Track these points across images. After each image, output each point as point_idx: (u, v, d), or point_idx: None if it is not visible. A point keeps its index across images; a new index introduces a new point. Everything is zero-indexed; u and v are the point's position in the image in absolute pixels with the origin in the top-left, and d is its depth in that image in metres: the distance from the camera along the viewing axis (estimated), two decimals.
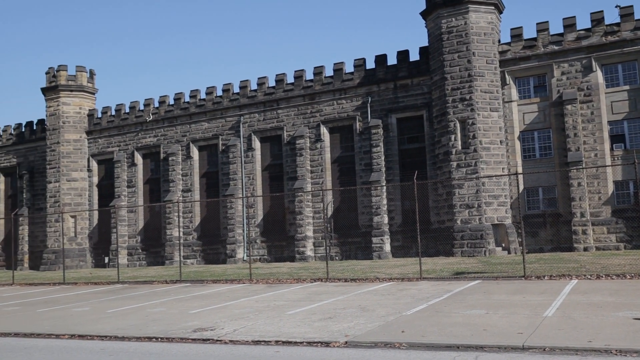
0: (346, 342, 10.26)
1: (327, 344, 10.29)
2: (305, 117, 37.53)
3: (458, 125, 31.93)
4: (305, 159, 36.78)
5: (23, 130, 48.07)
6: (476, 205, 31.04)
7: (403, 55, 35.51)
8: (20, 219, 44.64)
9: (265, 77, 39.08)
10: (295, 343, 10.56)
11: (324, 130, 37.02)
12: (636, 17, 30.88)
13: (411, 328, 11.20)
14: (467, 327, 11.01)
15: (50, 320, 15.21)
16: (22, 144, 47.86)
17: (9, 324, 14.88)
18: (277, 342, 10.71)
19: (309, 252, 35.80)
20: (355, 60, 36.60)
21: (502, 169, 31.61)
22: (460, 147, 31.80)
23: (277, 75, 38.63)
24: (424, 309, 13.69)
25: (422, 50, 34.99)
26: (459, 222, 31.23)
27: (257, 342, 10.81)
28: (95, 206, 44.04)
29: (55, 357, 10.46)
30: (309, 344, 10.46)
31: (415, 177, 22.88)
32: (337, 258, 34.95)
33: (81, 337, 12.52)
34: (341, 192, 36.07)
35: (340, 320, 12.64)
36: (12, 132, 48.59)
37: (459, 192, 31.44)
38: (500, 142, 31.90)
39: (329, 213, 35.95)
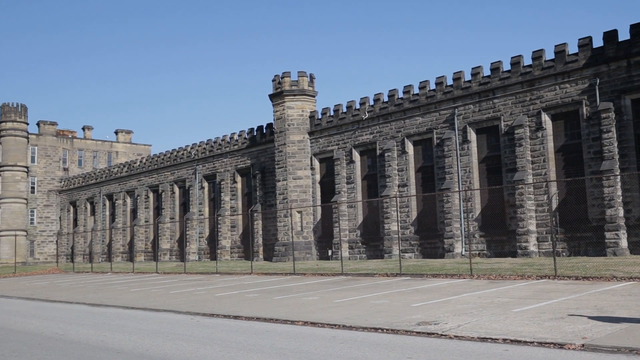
0: (583, 345, 9.50)
1: (560, 346, 9.64)
2: (523, 105, 35.57)
3: None
4: (525, 149, 34.84)
5: (255, 134, 53.14)
6: None
7: (637, 28, 31.68)
8: (255, 214, 49.46)
9: (479, 66, 37.88)
10: (525, 342, 10.07)
11: (545, 118, 34.70)
12: None
13: None
14: None
15: (285, 308, 16.58)
16: (255, 146, 52.97)
17: (252, 310, 16.57)
18: (504, 340, 10.33)
19: (532, 248, 33.86)
20: (579, 39, 33.62)
21: None
22: None
23: (492, 63, 37.15)
24: None
25: None
26: None
27: (483, 339, 10.54)
28: (318, 202, 46.91)
29: (294, 342, 11.37)
30: (540, 344, 9.90)
31: None
32: (564, 254, 32.54)
33: (313, 324, 13.43)
34: (567, 184, 33.45)
35: (573, 321, 11.75)
36: (246, 137, 54.02)
37: None
38: None
39: (554, 206, 33.60)
